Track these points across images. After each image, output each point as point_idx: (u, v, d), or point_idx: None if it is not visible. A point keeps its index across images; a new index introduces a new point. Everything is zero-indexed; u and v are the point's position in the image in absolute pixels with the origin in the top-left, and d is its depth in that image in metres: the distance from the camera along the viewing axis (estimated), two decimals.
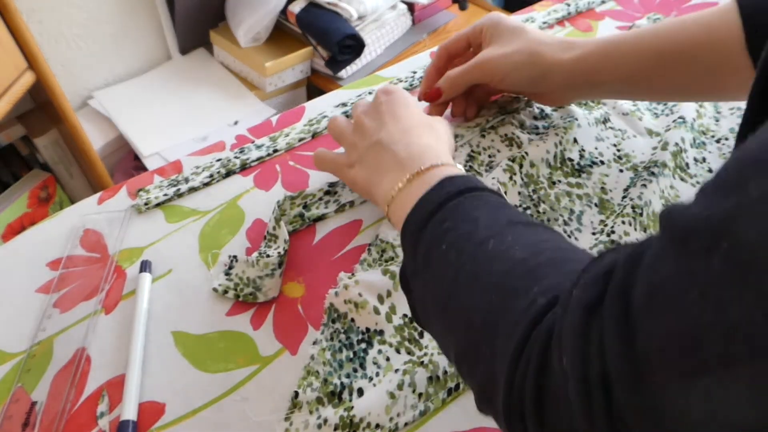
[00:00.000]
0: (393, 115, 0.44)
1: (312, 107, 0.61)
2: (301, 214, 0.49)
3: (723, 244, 0.17)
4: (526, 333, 0.25)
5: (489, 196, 0.35)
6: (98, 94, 1.34)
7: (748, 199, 0.17)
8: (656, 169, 0.50)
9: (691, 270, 0.18)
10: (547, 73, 0.49)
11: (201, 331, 0.42)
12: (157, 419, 0.38)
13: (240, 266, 0.45)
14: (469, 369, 0.29)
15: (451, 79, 0.51)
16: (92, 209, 0.51)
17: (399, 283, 0.43)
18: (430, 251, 0.33)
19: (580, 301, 0.23)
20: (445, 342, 0.32)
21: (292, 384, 0.39)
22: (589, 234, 0.48)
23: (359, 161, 0.44)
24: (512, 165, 0.49)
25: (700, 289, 0.18)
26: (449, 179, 0.36)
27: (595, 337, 0.21)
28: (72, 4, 1.21)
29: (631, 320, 0.20)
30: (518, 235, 0.31)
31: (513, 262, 0.29)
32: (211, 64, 1.44)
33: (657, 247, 0.20)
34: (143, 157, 1.23)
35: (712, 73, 0.44)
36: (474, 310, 0.29)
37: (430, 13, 1.47)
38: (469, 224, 0.32)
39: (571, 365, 0.22)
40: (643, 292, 0.20)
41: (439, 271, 0.32)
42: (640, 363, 0.20)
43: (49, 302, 0.44)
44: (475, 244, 0.31)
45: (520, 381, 0.25)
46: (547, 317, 0.25)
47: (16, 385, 0.39)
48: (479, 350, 0.28)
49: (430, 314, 0.34)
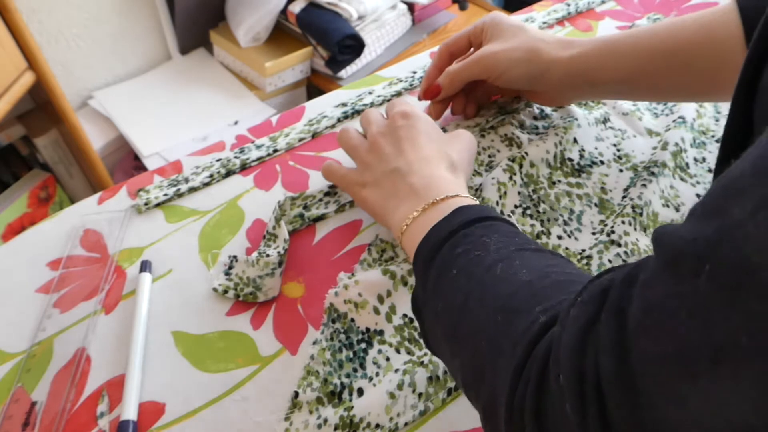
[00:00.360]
0: (412, 143, 0.44)
1: (312, 107, 0.61)
2: (301, 215, 0.49)
3: (707, 267, 0.18)
4: (526, 352, 0.26)
5: (501, 225, 0.35)
6: (98, 94, 1.34)
7: (730, 224, 0.17)
8: (656, 169, 0.50)
9: (681, 291, 0.19)
10: (546, 71, 0.48)
11: (201, 331, 0.42)
12: (157, 419, 0.38)
13: (240, 266, 0.45)
14: (476, 393, 0.29)
15: (451, 75, 0.51)
16: (92, 209, 0.51)
17: (399, 283, 0.43)
18: (440, 276, 0.34)
19: (576, 319, 0.23)
20: (453, 367, 0.33)
21: (292, 384, 0.39)
22: (589, 234, 0.48)
23: (374, 185, 0.44)
24: (512, 165, 0.49)
25: (688, 310, 0.18)
26: (463, 209, 0.37)
27: (591, 354, 0.22)
28: (72, 4, 1.21)
29: (625, 339, 0.21)
30: (526, 260, 0.32)
31: (519, 284, 0.30)
32: (211, 64, 1.44)
33: (651, 268, 0.21)
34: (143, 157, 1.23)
35: (711, 74, 0.44)
36: (479, 333, 0.30)
37: (430, 13, 1.47)
38: (479, 250, 0.33)
39: (567, 382, 0.22)
40: (637, 311, 0.21)
41: (448, 296, 0.33)
42: (634, 380, 0.20)
43: (49, 302, 0.44)
44: (484, 269, 0.32)
45: (520, 400, 0.25)
46: (546, 336, 0.26)
47: (16, 385, 0.39)
48: (483, 372, 0.29)
49: (440, 340, 0.34)
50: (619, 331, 0.21)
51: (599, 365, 0.21)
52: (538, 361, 0.25)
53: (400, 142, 0.44)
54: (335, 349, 0.41)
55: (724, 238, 0.17)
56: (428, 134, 0.45)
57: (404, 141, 0.44)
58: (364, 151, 0.46)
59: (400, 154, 0.43)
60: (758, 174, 0.18)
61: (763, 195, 0.17)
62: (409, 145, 0.43)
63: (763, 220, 0.16)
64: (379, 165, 0.44)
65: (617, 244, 0.45)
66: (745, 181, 0.18)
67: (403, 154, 0.43)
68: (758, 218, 0.17)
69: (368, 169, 0.45)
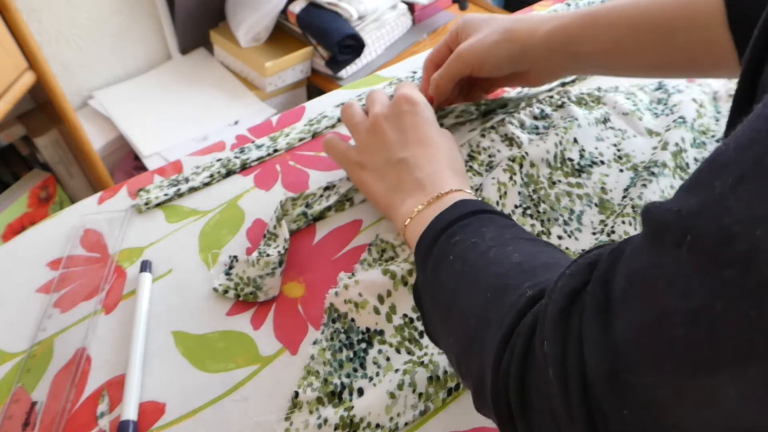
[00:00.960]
0: (417, 133, 0.44)
1: (312, 107, 0.61)
2: (303, 213, 0.49)
3: (688, 237, 0.18)
4: (513, 323, 0.27)
5: (499, 217, 0.36)
6: (98, 94, 1.34)
7: (712, 197, 0.18)
8: (656, 169, 0.50)
9: (663, 262, 0.19)
10: (526, 47, 0.48)
11: (201, 331, 0.42)
12: (157, 419, 0.38)
13: (240, 266, 0.45)
14: (466, 367, 0.30)
15: (436, 81, 0.51)
16: (92, 209, 0.51)
17: (400, 283, 0.43)
18: (438, 263, 0.35)
19: (563, 288, 0.24)
20: (447, 348, 0.33)
21: (292, 384, 0.39)
22: (589, 234, 0.48)
23: (376, 172, 0.44)
24: (512, 165, 0.49)
25: (668, 279, 0.19)
26: (464, 202, 0.38)
27: (575, 323, 0.23)
28: (72, 4, 1.21)
29: (609, 309, 0.21)
30: (519, 246, 0.33)
31: (510, 265, 0.31)
32: (211, 64, 1.44)
33: (637, 241, 0.22)
34: (143, 157, 1.23)
35: (692, 50, 0.44)
36: (471, 310, 0.30)
37: (430, 13, 1.47)
38: (476, 238, 0.34)
39: (551, 348, 0.23)
40: (621, 280, 0.21)
41: (444, 281, 0.34)
42: (616, 347, 0.21)
43: (49, 302, 0.44)
44: (478, 254, 0.33)
45: (506, 368, 0.26)
46: (534, 309, 0.26)
47: (16, 385, 0.39)
48: (473, 346, 0.29)
49: (436, 324, 0.35)
50: (603, 300, 0.22)
51: (583, 333, 0.22)
52: (524, 330, 0.26)
53: (405, 131, 0.44)
54: (335, 349, 0.41)
55: (706, 210, 0.18)
56: (433, 125, 0.45)
57: (409, 130, 0.44)
58: (364, 131, 0.46)
59: (405, 144, 0.43)
60: (739, 149, 0.18)
61: (743, 169, 0.17)
62: (414, 135, 0.44)
63: (744, 192, 0.17)
64: (381, 151, 0.44)
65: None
66: (728, 156, 0.18)
67: (408, 145, 0.43)
68: (738, 191, 0.17)
69: (368, 151, 0.45)
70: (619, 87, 0.61)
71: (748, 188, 0.17)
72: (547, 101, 0.58)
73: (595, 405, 0.22)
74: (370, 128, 0.45)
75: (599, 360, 0.21)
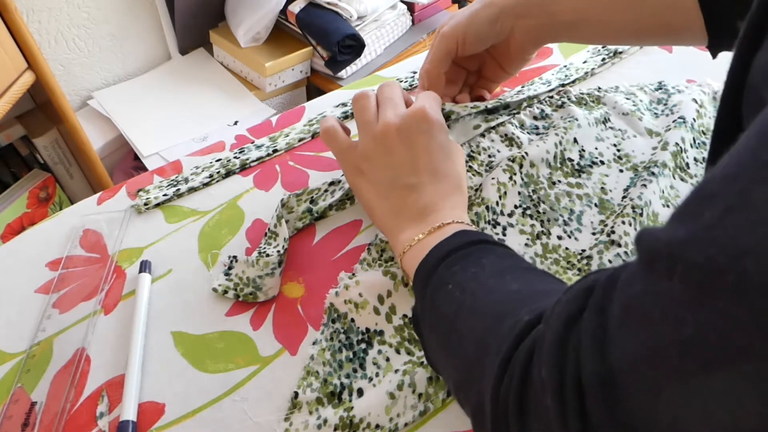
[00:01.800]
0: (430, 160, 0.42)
1: (312, 107, 0.61)
2: (309, 209, 0.49)
3: (679, 268, 0.18)
4: (511, 348, 0.27)
5: (499, 248, 0.37)
6: (98, 94, 1.34)
7: (701, 227, 0.18)
8: (656, 169, 0.50)
9: (656, 290, 0.20)
10: (505, 8, 0.48)
11: (201, 332, 0.42)
12: (157, 419, 0.38)
13: (240, 266, 0.45)
14: (465, 393, 0.31)
15: (424, 69, 0.52)
16: (92, 209, 0.51)
17: (400, 283, 0.43)
18: (437, 291, 0.35)
19: (560, 315, 0.24)
20: (447, 375, 0.34)
21: (291, 384, 0.39)
22: (589, 234, 0.48)
23: (377, 186, 0.43)
24: (512, 165, 0.49)
25: (662, 309, 0.19)
26: (464, 232, 0.38)
27: (572, 350, 0.23)
28: (72, 4, 1.21)
29: (606, 335, 0.22)
30: (517, 274, 0.33)
31: (508, 293, 0.31)
32: (211, 64, 1.44)
33: (632, 268, 0.22)
34: (143, 157, 1.23)
35: (663, 13, 0.45)
36: (469, 337, 0.31)
37: (430, 13, 1.48)
38: (475, 268, 0.34)
39: (548, 375, 0.23)
40: (617, 309, 0.22)
41: (443, 308, 0.34)
42: (612, 376, 0.21)
43: (48, 302, 0.44)
44: (477, 283, 0.33)
45: (504, 393, 0.26)
46: (532, 334, 0.27)
47: (15, 385, 0.39)
48: (472, 372, 0.30)
49: (435, 351, 0.35)
50: (599, 329, 0.22)
51: (580, 361, 0.22)
52: (522, 355, 0.26)
53: (417, 154, 0.42)
54: (335, 350, 0.41)
55: (694, 240, 0.18)
56: (445, 149, 0.43)
57: (422, 155, 0.42)
58: (372, 136, 0.43)
59: (415, 170, 0.42)
60: (726, 179, 0.18)
61: (730, 200, 0.18)
62: (426, 161, 0.42)
63: (730, 223, 0.17)
64: (387, 168, 0.42)
65: (617, 245, 0.45)
66: (716, 186, 0.19)
67: (418, 171, 0.42)
68: (726, 222, 0.17)
69: (372, 161, 0.43)
70: (619, 87, 0.61)
71: (734, 220, 0.17)
72: (547, 101, 0.58)
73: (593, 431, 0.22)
74: (380, 136, 0.42)
75: (596, 388, 0.22)
